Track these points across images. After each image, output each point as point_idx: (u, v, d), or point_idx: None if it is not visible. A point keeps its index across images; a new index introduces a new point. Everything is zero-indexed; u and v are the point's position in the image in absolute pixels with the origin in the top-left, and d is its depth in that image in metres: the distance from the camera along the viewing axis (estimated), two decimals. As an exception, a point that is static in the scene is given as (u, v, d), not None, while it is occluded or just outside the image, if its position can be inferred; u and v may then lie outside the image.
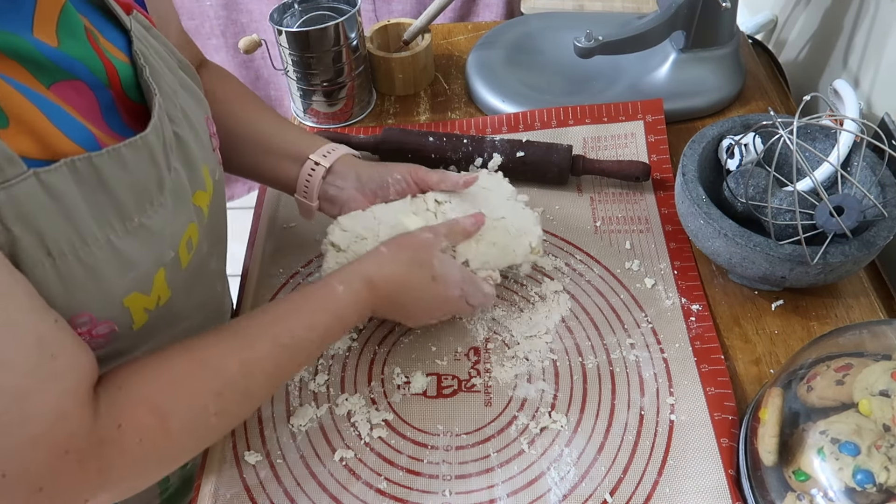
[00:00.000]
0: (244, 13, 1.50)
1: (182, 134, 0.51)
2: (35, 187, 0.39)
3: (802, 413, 0.52)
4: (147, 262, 0.47)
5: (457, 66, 1.00)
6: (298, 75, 0.88)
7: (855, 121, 0.67)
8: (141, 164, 0.45)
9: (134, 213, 0.45)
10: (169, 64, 0.53)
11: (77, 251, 0.42)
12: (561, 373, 0.64)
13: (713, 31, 0.86)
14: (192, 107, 0.54)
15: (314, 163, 0.66)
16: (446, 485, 0.57)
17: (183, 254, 0.51)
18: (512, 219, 0.66)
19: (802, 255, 0.60)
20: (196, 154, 0.53)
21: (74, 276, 0.42)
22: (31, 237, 0.39)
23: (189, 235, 0.52)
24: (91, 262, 0.42)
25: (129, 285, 0.46)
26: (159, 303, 0.49)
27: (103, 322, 0.45)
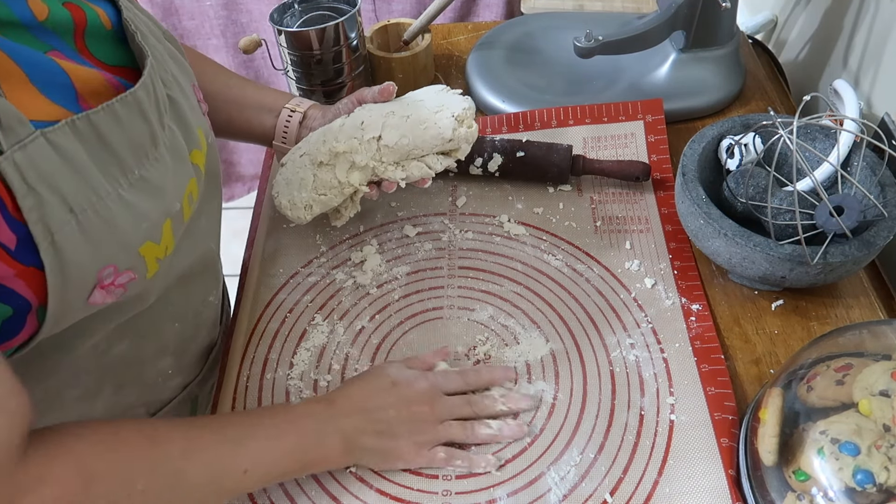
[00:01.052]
0: (244, 13, 1.50)
1: (175, 97, 0.53)
2: (45, 147, 0.40)
3: (802, 413, 0.52)
4: (156, 213, 0.48)
5: (457, 66, 1.00)
6: (298, 75, 0.88)
7: (855, 121, 0.67)
8: (133, 119, 0.46)
9: (134, 166, 0.46)
10: (155, 34, 0.55)
11: (94, 205, 0.43)
12: (561, 373, 0.64)
13: (713, 31, 0.86)
14: (180, 75, 0.56)
15: (290, 111, 0.73)
16: (446, 485, 0.57)
17: (186, 207, 0.53)
18: (432, 100, 0.67)
19: (802, 255, 0.60)
20: (189, 116, 0.54)
21: (96, 230, 0.43)
22: (53, 196, 0.40)
23: (190, 190, 0.53)
24: (107, 214, 0.44)
25: (143, 234, 0.47)
26: (167, 252, 0.51)
27: (124, 272, 0.46)
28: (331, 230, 0.78)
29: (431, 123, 0.66)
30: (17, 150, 0.38)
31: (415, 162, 0.67)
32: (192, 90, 0.58)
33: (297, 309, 0.71)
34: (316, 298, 0.71)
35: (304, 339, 0.68)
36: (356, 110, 0.70)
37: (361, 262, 0.74)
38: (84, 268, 0.43)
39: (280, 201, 0.69)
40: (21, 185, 0.39)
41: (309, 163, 0.67)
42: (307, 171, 0.68)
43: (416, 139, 0.66)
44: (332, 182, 0.67)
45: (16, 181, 0.38)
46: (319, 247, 0.77)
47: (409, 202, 0.81)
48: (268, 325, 0.69)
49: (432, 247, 0.75)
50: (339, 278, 0.73)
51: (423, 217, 0.79)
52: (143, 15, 0.54)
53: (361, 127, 0.66)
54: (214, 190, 0.63)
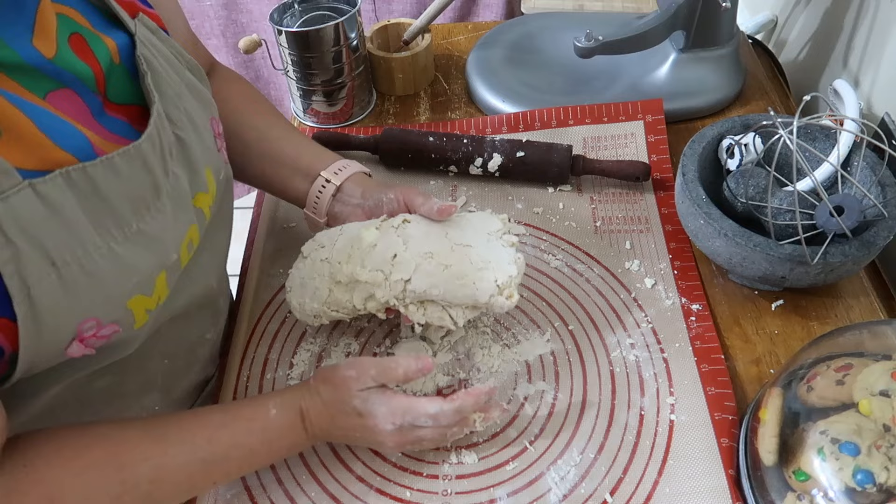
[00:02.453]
0: (244, 13, 1.50)
1: (184, 136, 0.51)
2: (31, 198, 0.39)
3: (802, 413, 0.52)
4: (149, 266, 0.47)
5: (457, 66, 1.00)
6: (298, 75, 0.88)
7: (855, 121, 0.67)
8: (135, 171, 0.45)
9: (132, 220, 0.45)
10: (175, 66, 0.53)
11: (79, 259, 0.42)
12: (561, 373, 0.64)
13: (713, 31, 0.86)
14: (197, 109, 0.54)
15: (325, 180, 0.65)
16: (446, 485, 0.57)
17: (184, 255, 0.51)
18: (480, 250, 0.59)
19: (802, 255, 0.60)
20: (198, 156, 0.52)
21: (79, 284, 0.42)
22: (33, 249, 0.39)
23: (190, 237, 0.52)
24: (93, 269, 0.42)
25: (133, 289, 0.46)
26: (159, 302, 0.49)
27: (107, 325, 0.45)
28: (331, 230, 0.78)
29: (470, 282, 0.57)
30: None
31: (438, 310, 0.60)
32: (209, 124, 0.56)
33: (298, 309, 0.71)
34: (316, 298, 0.71)
35: (304, 340, 0.68)
36: (395, 230, 0.60)
37: None
38: (62, 321, 0.42)
39: (290, 300, 0.63)
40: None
41: (328, 274, 0.60)
42: (324, 282, 0.60)
43: (448, 293, 0.58)
44: (347, 304, 0.60)
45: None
46: (319, 247, 0.76)
47: (409, 202, 0.81)
48: (268, 325, 0.69)
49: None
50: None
51: (423, 217, 0.79)
52: (163, 45, 0.52)
53: (392, 262, 0.58)
54: (223, 229, 0.62)
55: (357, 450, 0.60)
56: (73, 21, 0.46)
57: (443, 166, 0.81)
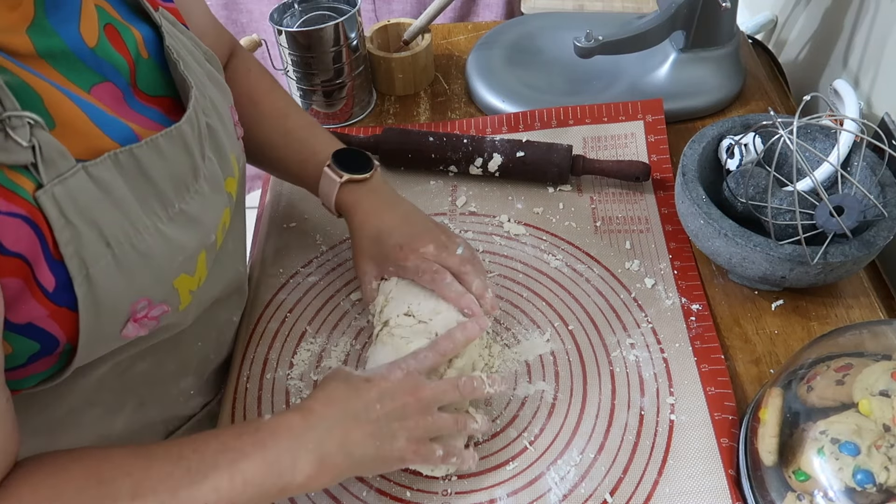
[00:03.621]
0: (244, 13, 1.50)
1: (213, 124, 0.53)
2: (85, 180, 0.41)
3: (802, 413, 0.52)
4: (192, 245, 0.48)
5: (457, 66, 1.00)
6: (298, 75, 0.88)
7: (855, 121, 0.67)
8: (176, 153, 0.47)
9: (174, 200, 0.47)
10: (196, 57, 0.54)
11: (131, 239, 0.43)
12: (561, 373, 0.64)
13: (713, 31, 0.86)
14: (219, 98, 0.56)
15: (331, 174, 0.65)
16: (446, 485, 0.57)
17: (220, 236, 0.53)
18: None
19: (802, 255, 0.60)
20: (225, 143, 0.54)
21: (132, 264, 0.43)
22: (90, 230, 0.41)
23: (224, 220, 0.54)
24: (144, 248, 0.44)
25: (179, 268, 0.47)
26: (200, 283, 0.51)
27: (157, 305, 0.47)
28: (331, 230, 0.78)
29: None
30: (58, 184, 0.39)
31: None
32: (228, 113, 0.57)
33: (297, 309, 0.71)
34: (316, 298, 0.71)
35: (304, 339, 0.68)
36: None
37: None
38: (118, 301, 0.43)
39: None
40: (59, 219, 0.39)
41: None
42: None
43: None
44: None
45: (54, 215, 0.39)
46: (320, 247, 0.76)
47: (409, 202, 0.81)
48: (268, 325, 0.69)
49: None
50: (339, 278, 0.73)
51: (423, 217, 0.79)
52: (184, 37, 0.54)
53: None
54: (241, 208, 0.63)
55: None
56: (106, 12, 0.47)
57: (443, 166, 0.81)
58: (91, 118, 0.43)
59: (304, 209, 0.81)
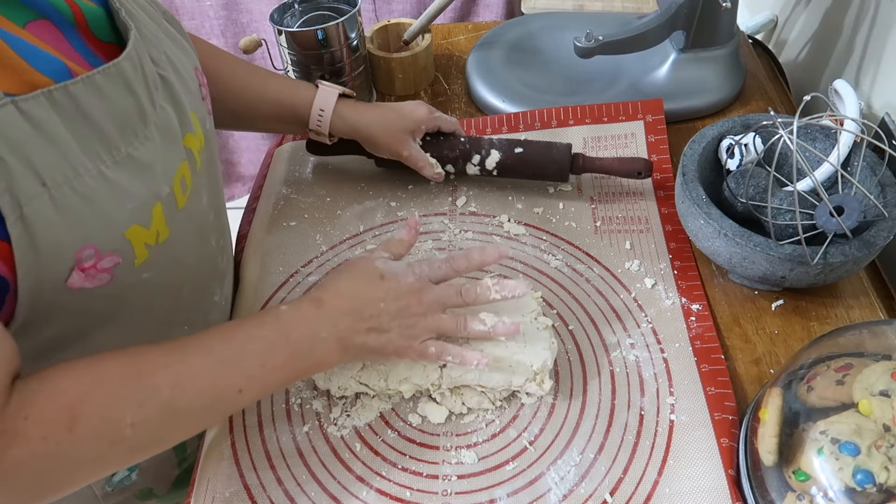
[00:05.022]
0: (244, 13, 1.50)
1: (167, 76, 0.52)
2: (16, 115, 0.39)
3: (802, 413, 0.52)
4: (143, 194, 0.47)
5: (457, 66, 1.00)
6: (298, 75, 0.88)
7: (855, 121, 0.67)
8: (117, 92, 0.45)
9: (120, 143, 0.45)
10: (150, 13, 0.54)
11: (71, 181, 0.42)
12: (561, 373, 0.64)
13: (713, 31, 0.86)
14: (178, 55, 0.55)
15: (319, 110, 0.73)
16: (446, 485, 0.57)
17: (178, 192, 0.51)
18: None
19: (802, 255, 0.60)
20: (183, 98, 0.53)
21: (72, 207, 0.42)
22: (23, 167, 0.40)
23: (182, 174, 0.52)
24: (86, 191, 0.43)
25: (129, 217, 0.46)
26: (158, 239, 0.50)
27: (107, 255, 0.45)
28: (331, 230, 0.78)
29: (506, 365, 0.59)
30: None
31: (476, 395, 0.61)
32: (193, 72, 0.57)
33: (297, 309, 0.71)
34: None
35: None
36: None
37: None
38: (59, 246, 0.42)
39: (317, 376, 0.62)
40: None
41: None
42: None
43: (483, 377, 0.59)
44: (379, 384, 0.60)
45: None
46: (319, 246, 0.77)
47: (409, 202, 0.81)
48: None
49: (432, 246, 0.75)
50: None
51: (423, 217, 0.79)
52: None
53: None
54: (216, 184, 0.62)
55: (357, 450, 0.60)
56: None
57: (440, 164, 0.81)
58: (19, 53, 0.41)
59: (304, 209, 0.81)
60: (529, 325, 0.61)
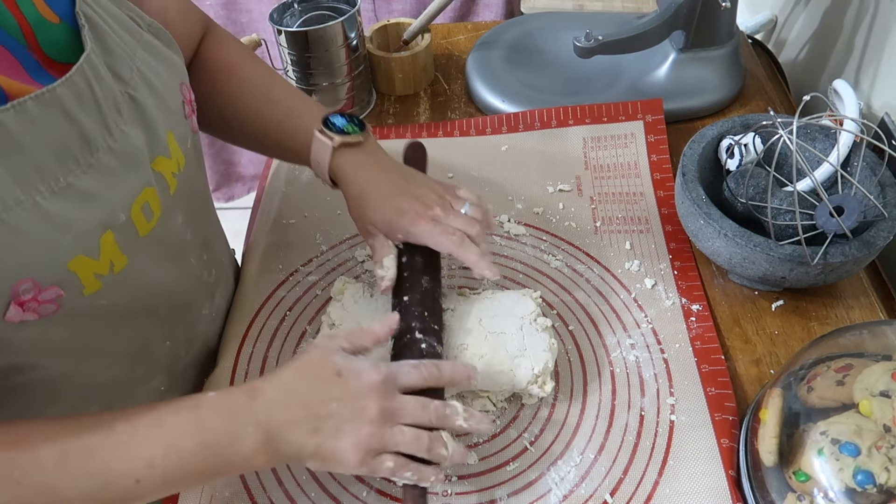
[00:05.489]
0: (244, 13, 1.50)
1: (137, 96, 0.48)
2: None
3: (803, 413, 0.52)
4: (87, 224, 0.44)
5: (457, 66, 1.00)
6: (298, 75, 0.88)
7: (855, 121, 0.67)
8: (53, 119, 0.42)
9: (58, 173, 0.42)
10: (127, 26, 0.51)
11: (0, 214, 0.39)
12: (561, 373, 0.64)
13: (713, 31, 0.86)
14: (160, 71, 0.52)
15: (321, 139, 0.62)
16: (446, 485, 0.57)
17: (138, 220, 0.48)
18: (515, 337, 0.60)
19: (802, 256, 0.60)
20: (156, 119, 0.50)
21: (3, 242, 0.39)
22: None
23: (145, 200, 0.48)
24: (19, 224, 0.40)
25: (71, 248, 0.43)
26: (113, 269, 0.46)
27: (48, 288, 0.42)
28: (331, 230, 0.78)
29: (507, 369, 0.58)
30: None
31: (479, 399, 0.61)
32: (177, 89, 0.54)
33: (297, 308, 0.71)
34: (316, 299, 0.71)
35: (305, 340, 0.68)
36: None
37: (362, 262, 0.74)
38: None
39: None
40: None
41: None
42: None
43: (485, 381, 0.58)
44: None
45: None
46: (320, 246, 0.76)
47: (409, 202, 0.81)
48: (266, 321, 0.69)
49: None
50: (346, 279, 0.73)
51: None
52: (114, 5, 0.50)
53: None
54: (200, 205, 0.60)
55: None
56: None
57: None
58: None
59: (304, 207, 0.80)
60: (529, 327, 0.61)
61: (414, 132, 0.89)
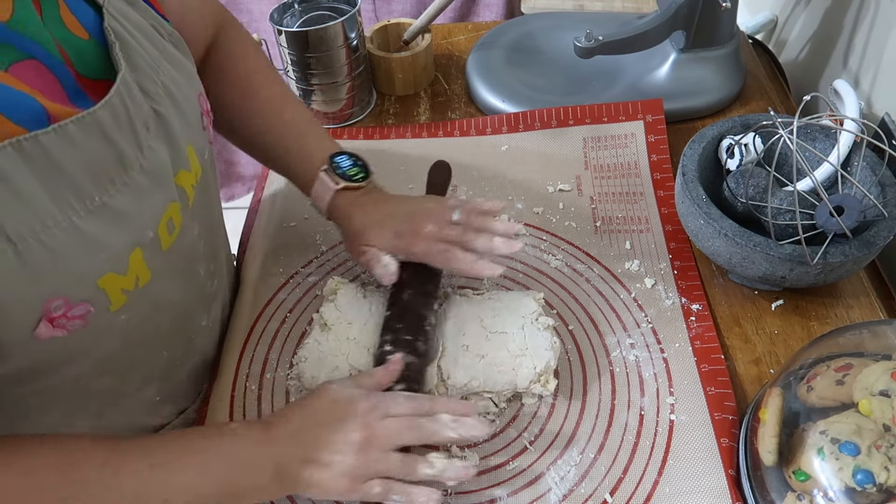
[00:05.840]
0: (244, 13, 1.50)
1: (162, 111, 0.49)
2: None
3: (802, 413, 0.52)
4: (119, 243, 0.45)
5: (457, 66, 1.00)
6: (298, 75, 0.88)
7: (855, 121, 0.67)
8: (92, 141, 0.43)
9: (94, 193, 0.43)
10: (152, 38, 0.51)
11: (38, 234, 0.40)
12: (561, 373, 0.64)
13: (713, 31, 0.86)
14: (181, 83, 0.52)
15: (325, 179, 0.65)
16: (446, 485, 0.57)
17: (163, 235, 0.49)
18: (516, 336, 0.60)
19: (802, 255, 0.60)
20: (179, 132, 0.51)
21: (39, 261, 0.40)
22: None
23: (170, 216, 0.49)
24: (55, 245, 0.41)
25: (102, 266, 0.44)
26: (138, 284, 0.47)
27: (78, 304, 0.43)
28: (331, 230, 0.78)
29: (509, 369, 0.58)
30: None
31: (482, 400, 0.60)
32: (195, 100, 0.54)
33: (297, 309, 0.71)
34: (316, 299, 0.71)
35: (305, 340, 0.68)
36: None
37: None
38: (24, 300, 0.40)
39: (303, 370, 0.61)
40: None
41: (352, 356, 0.61)
42: (346, 362, 0.60)
43: (488, 382, 0.59)
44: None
45: None
46: (320, 247, 0.76)
47: (409, 202, 0.81)
48: (267, 324, 0.69)
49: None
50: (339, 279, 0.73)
51: (423, 217, 0.79)
52: (139, 16, 0.50)
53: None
54: (211, 214, 0.60)
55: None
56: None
57: None
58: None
59: (304, 209, 0.80)
60: (531, 326, 0.61)
61: (414, 132, 0.89)
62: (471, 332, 0.61)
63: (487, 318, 0.61)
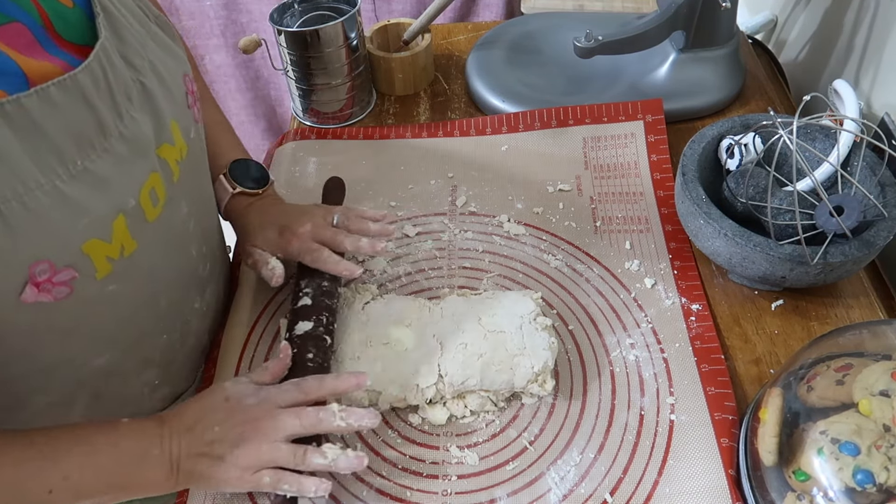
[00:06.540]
0: (244, 13, 1.50)
1: (147, 84, 0.50)
2: None
3: (802, 413, 0.52)
4: (101, 208, 0.45)
5: (457, 66, 1.00)
6: (298, 75, 0.88)
7: (855, 121, 0.67)
8: (73, 105, 0.43)
9: (76, 157, 0.44)
10: (139, 17, 0.52)
11: (21, 197, 0.40)
12: (561, 373, 0.64)
13: (713, 31, 0.86)
14: (167, 62, 0.53)
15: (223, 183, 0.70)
16: (446, 485, 0.57)
17: (146, 204, 0.50)
18: (514, 335, 0.60)
19: (802, 255, 0.60)
20: (163, 107, 0.51)
21: (23, 223, 0.41)
22: None
23: (152, 185, 0.50)
24: (37, 207, 0.41)
25: (86, 231, 0.45)
26: (123, 253, 0.48)
27: (63, 269, 0.44)
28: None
29: (506, 368, 0.59)
30: None
31: (479, 398, 0.60)
32: (180, 80, 0.55)
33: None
34: (316, 298, 0.71)
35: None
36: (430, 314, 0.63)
37: (362, 262, 0.74)
38: (9, 262, 0.41)
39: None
40: None
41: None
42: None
43: (485, 380, 0.59)
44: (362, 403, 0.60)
45: None
46: (319, 247, 0.76)
47: (409, 202, 0.81)
48: (267, 324, 0.69)
49: (432, 246, 0.75)
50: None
51: (422, 217, 0.79)
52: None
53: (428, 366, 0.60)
54: (202, 193, 0.61)
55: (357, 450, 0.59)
56: None
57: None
58: None
59: (304, 209, 0.80)
60: (529, 326, 0.61)
61: (414, 132, 0.89)
62: (469, 330, 0.61)
63: (486, 317, 0.61)
